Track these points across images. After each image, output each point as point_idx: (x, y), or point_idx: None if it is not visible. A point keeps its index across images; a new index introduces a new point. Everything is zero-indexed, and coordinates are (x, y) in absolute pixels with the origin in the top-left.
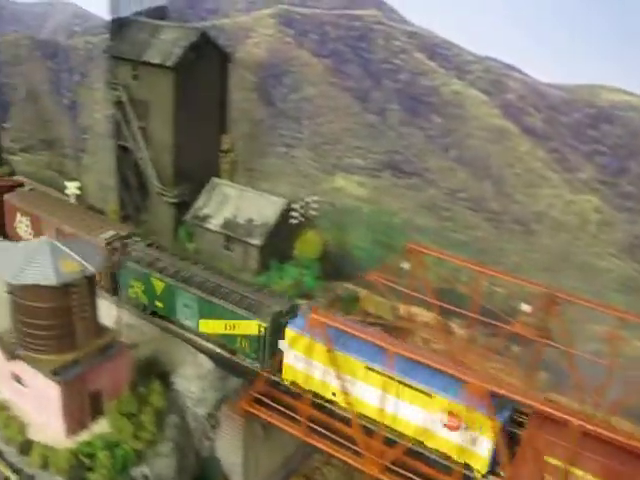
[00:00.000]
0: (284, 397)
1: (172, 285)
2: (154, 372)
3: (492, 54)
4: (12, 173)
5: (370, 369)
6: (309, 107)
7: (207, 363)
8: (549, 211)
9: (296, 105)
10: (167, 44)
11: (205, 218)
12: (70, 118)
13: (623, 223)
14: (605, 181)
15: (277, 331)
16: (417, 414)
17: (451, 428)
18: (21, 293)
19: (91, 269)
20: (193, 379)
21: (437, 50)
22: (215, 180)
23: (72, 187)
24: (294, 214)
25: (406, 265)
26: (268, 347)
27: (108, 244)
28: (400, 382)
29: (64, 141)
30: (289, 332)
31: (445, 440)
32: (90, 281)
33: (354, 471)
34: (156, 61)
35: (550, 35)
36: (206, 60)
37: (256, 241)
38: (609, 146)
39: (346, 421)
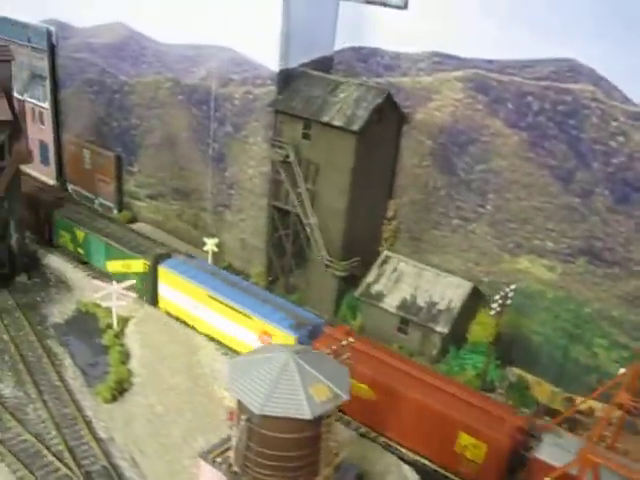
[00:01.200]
0: None
1: (88, 233)
2: None
3: None
4: (133, 219)
5: (211, 297)
6: (496, 180)
7: (413, 476)
8: None
9: (481, 177)
10: (348, 104)
11: (378, 296)
12: (214, 170)
13: None
14: None
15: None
16: (242, 332)
17: (263, 342)
18: (262, 422)
19: (344, 396)
20: None
21: None
22: (386, 253)
23: (211, 244)
24: (494, 305)
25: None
26: (151, 282)
27: None
28: (229, 307)
29: (203, 193)
30: (161, 269)
31: None
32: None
33: None
34: (338, 123)
35: None
36: (385, 122)
37: (441, 328)
38: None
39: None
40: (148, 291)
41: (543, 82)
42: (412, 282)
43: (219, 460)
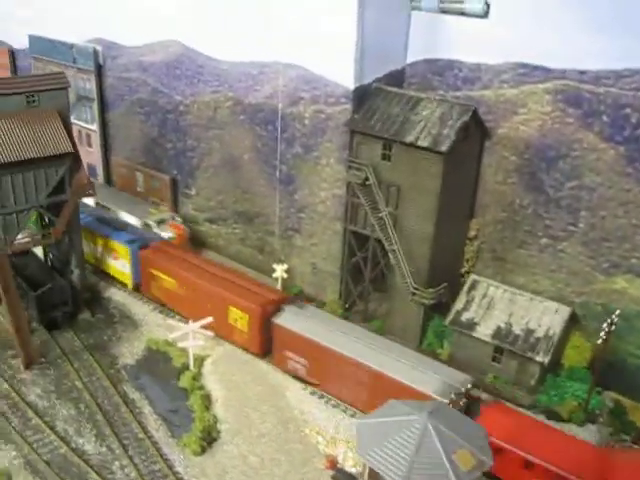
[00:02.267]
0: None
1: None
2: None
3: None
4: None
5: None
6: (590, 197)
7: None
8: None
9: (572, 194)
10: (433, 122)
11: (470, 324)
12: (282, 193)
13: None
14: None
15: None
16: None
17: (115, 259)
18: None
19: (489, 462)
20: None
21: None
22: (474, 277)
23: (280, 270)
24: (601, 334)
25: None
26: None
27: None
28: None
29: (270, 217)
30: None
31: (116, 269)
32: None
33: None
34: (424, 144)
35: None
36: (470, 139)
37: (540, 358)
38: None
39: None
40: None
41: (635, 92)
42: (505, 308)
43: None
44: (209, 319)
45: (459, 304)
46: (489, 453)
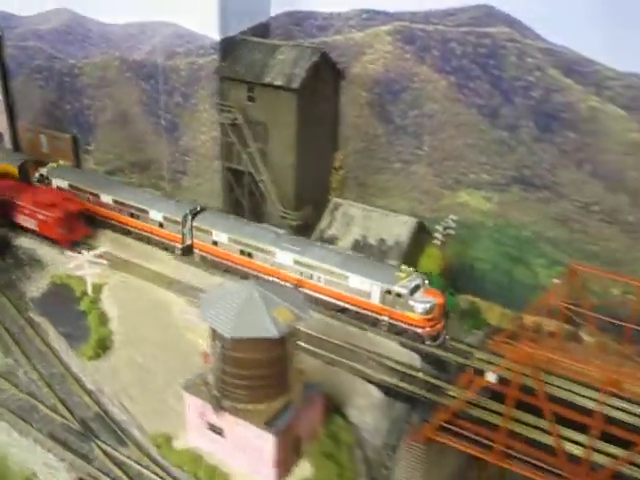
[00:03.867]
0: (464, 423)
1: None
2: (331, 406)
3: (635, 69)
4: None
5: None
6: (430, 123)
7: (377, 392)
8: None
9: (416, 121)
10: (287, 65)
11: (332, 240)
12: (168, 140)
13: None
14: None
15: None
16: None
17: None
18: (233, 345)
19: (304, 316)
20: (366, 409)
21: (574, 67)
22: (336, 200)
23: None
24: (437, 235)
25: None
26: None
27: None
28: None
29: (160, 163)
30: None
31: None
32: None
33: None
34: (279, 83)
35: None
36: (323, 79)
37: (392, 262)
38: None
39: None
40: None
41: (464, 28)
42: (362, 224)
43: (201, 389)
44: (103, 249)
45: (323, 224)
46: (306, 311)
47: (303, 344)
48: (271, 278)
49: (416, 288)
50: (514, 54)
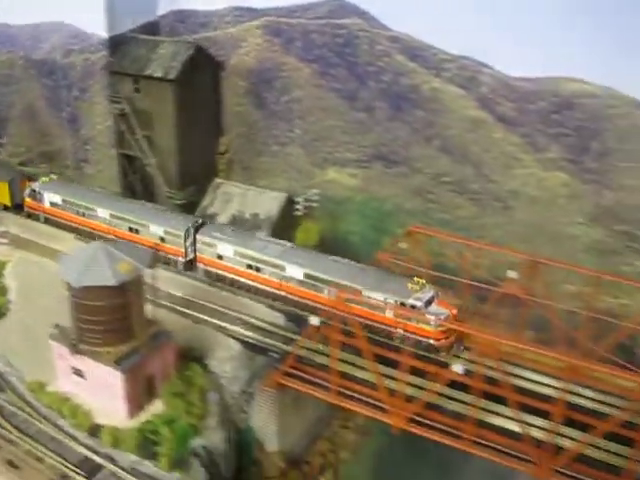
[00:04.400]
0: (309, 369)
1: None
2: (192, 357)
3: (466, 53)
4: None
5: None
6: (299, 108)
7: (236, 345)
8: (523, 188)
9: (287, 107)
10: (166, 58)
11: (212, 216)
12: (71, 131)
13: (589, 195)
14: (571, 159)
15: None
16: None
17: None
18: (83, 294)
19: (143, 268)
20: (226, 360)
21: (416, 52)
22: (218, 181)
23: None
24: (298, 207)
25: (404, 244)
26: None
27: None
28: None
29: (65, 153)
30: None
31: None
32: (140, 279)
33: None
34: (158, 75)
35: (517, 34)
36: (202, 70)
37: (263, 234)
38: (572, 128)
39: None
40: None
41: (322, 20)
42: (239, 201)
43: (63, 337)
44: (2, 228)
45: (205, 202)
46: (147, 264)
47: (176, 306)
48: (282, 293)
49: (430, 300)
50: (366, 43)
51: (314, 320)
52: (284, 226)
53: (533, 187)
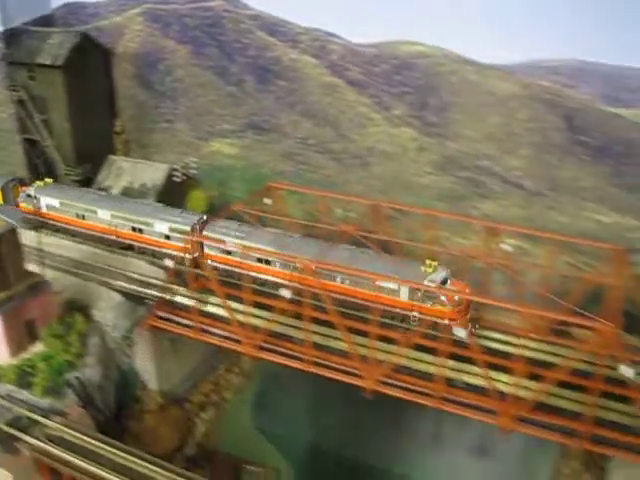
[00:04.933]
0: (179, 312)
1: None
2: (76, 307)
3: (316, 25)
4: None
5: None
6: (181, 86)
7: (118, 297)
8: (377, 145)
9: (171, 86)
10: (55, 47)
11: (107, 189)
12: None
13: (434, 146)
14: (414, 115)
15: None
16: None
17: None
18: None
19: (13, 223)
20: (108, 310)
21: (274, 27)
22: (111, 157)
23: None
24: (176, 174)
25: (268, 201)
26: None
27: None
28: None
29: None
30: None
31: None
32: (14, 233)
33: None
34: (47, 62)
35: (356, 2)
36: (90, 56)
37: (149, 201)
38: (412, 87)
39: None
40: None
41: (191, 4)
42: (130, 174)
43: None
44: None
45: (100, 177)
46: (18, 221)
47: (66, 267)
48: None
49: (444, 281)
50: (230, 22)
51: (169, 262)
52: (170, 193)
53: (385, 143)
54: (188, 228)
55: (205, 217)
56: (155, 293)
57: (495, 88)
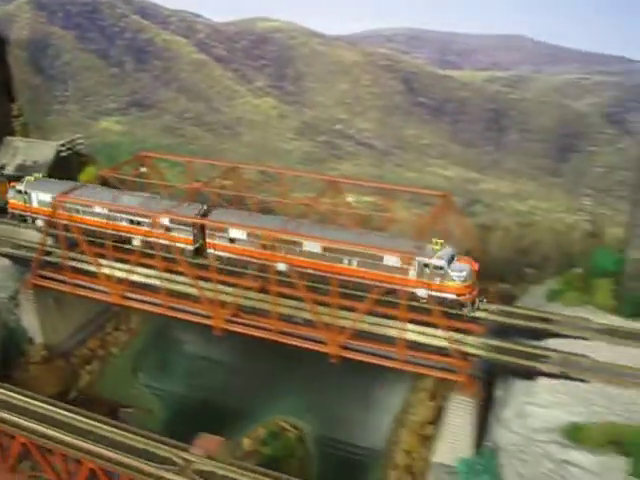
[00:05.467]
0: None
1: None
2: None
3: (181, 7)
4: None
5: None
6: (70, 70)
7: (4, 261)
8: (245, 115)
9: (60, 70)
10: None
11: (2, 167)
12: None
13: (293, 114)
14: (274, 85)
15: None
16: None
17: None
18: None
19: None
20: None
21: (146, 11)
22: (8, 138)
23: None
24: (62, 148)
25: (144, 169)
26: None
27: None
28: None
29: None
30: None
31: None
32: None
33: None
34: None
35: None
36: None
37: (40, 175)
38: (270, 59)
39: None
40: None
41: None
42: (25, 153)
43: None
44: None
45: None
46: None
47: None
48: (299, 269)
49: (452, 258)
50: (107, 7)
51: (40, 223)
52: (61, 169)
53: (251, 113)
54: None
55: (205, 207)
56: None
57: (341, 57)
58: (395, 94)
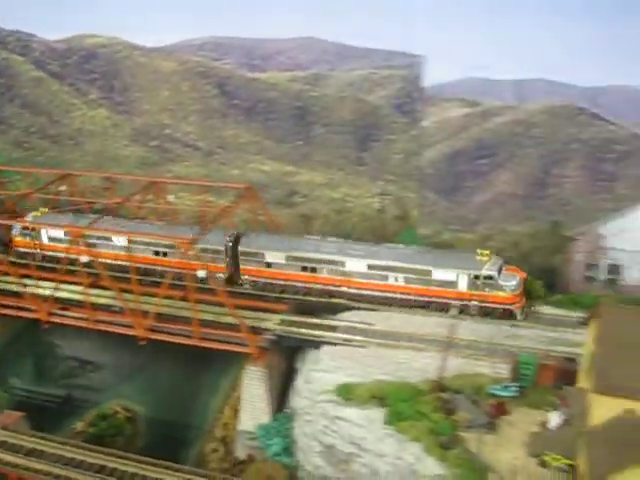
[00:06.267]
0: None
1: None
2: None
3: (17, 27)
4: None
5: None
6: None
7: None
8: (84, 126)
9: None
10: None
11: None
12: None
13: (124, 122)
14: (105, 97)
15: None
16: None
17: None
18: None
19: None
20: None
21: None
22: None
23: None
24: None
25: None
26: None
27: None
28: None
29: None
30: None
31: None
32: None
33: None
34: None
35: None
36: None
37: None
38: (99, 73)
39: None
40: None
41: None
42: None
43: None
44: None
45: None
46: None
47: None
48: (341, 289)
49: (500, 268)
50: None
51: None
52: None
53: (89, 124)
54: (221, 247)
55: (235, 233)
56: None
57: (160, 67)
58: (211, 98)
